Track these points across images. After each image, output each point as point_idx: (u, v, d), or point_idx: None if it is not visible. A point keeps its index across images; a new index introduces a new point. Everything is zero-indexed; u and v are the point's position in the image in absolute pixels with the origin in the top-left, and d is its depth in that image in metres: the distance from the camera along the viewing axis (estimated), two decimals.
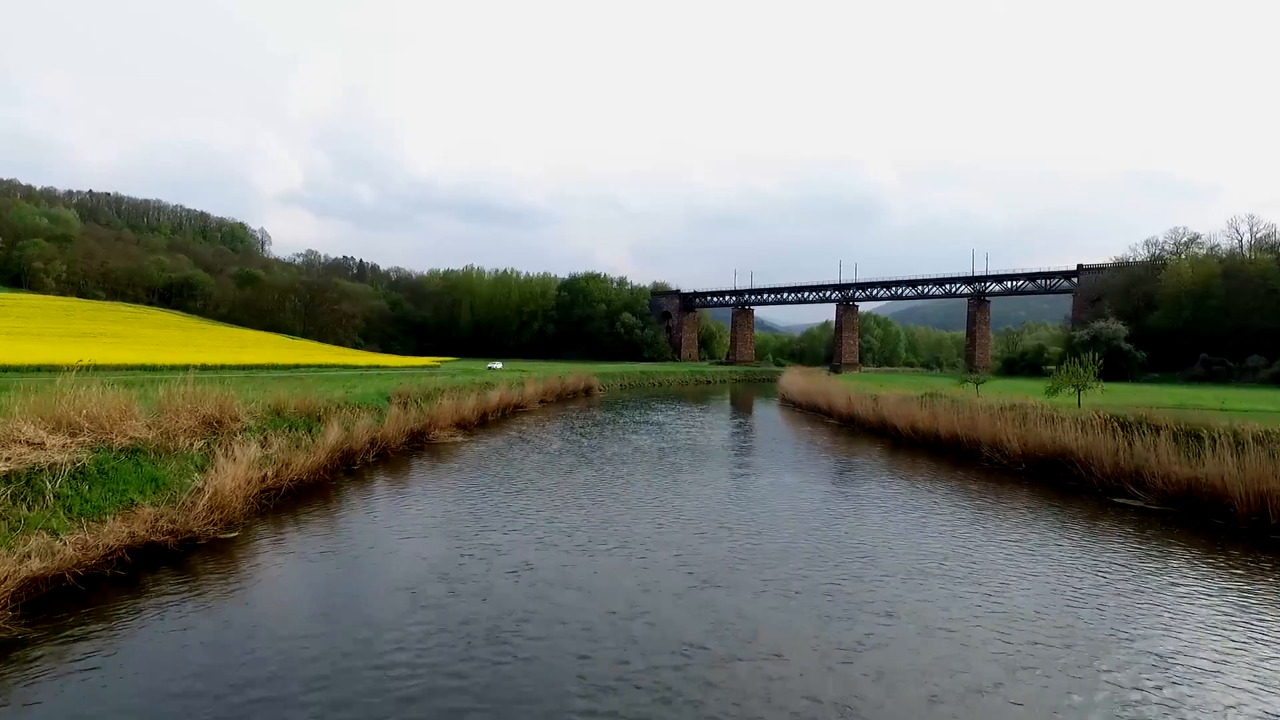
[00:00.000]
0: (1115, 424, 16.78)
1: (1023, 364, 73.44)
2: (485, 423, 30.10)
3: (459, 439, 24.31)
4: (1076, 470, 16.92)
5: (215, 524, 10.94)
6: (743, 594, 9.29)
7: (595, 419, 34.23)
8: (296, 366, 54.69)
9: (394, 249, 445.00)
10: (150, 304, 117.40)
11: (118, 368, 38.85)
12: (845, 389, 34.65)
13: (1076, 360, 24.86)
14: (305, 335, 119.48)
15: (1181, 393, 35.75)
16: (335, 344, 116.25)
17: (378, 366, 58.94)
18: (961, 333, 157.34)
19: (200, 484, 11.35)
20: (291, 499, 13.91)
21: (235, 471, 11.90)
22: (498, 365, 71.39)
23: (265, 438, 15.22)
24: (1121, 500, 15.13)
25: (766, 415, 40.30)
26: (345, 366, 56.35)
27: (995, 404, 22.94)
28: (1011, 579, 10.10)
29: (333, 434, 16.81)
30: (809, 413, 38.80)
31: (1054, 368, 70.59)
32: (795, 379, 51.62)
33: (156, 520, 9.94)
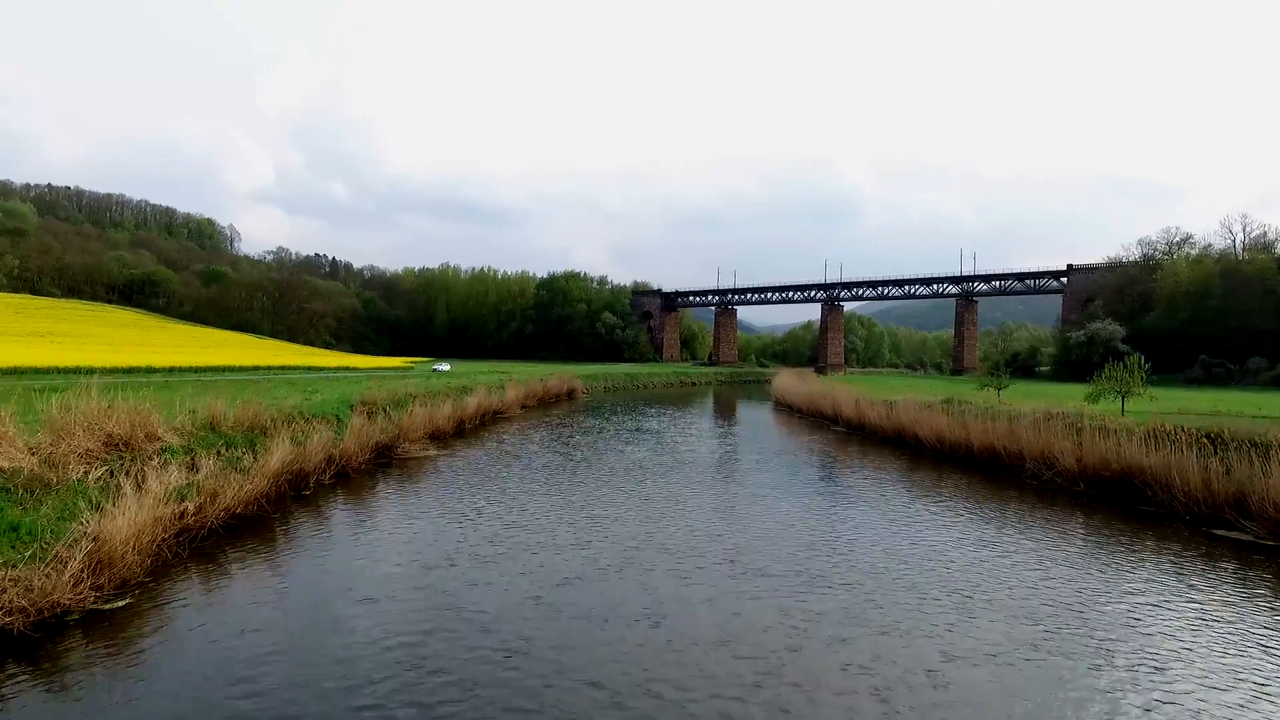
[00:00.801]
0: (1203, 439, 14.45)
1: (1014, 366, 71.84)
2: (462, 432, 27.29)
3: (432, 452, 21.49)
4: (1154, 493, 14.59)
5: (99, 589, 8.14)
6: (823, 693, 6.71)
7: (583, 426, 31.56)
8: (259, 368, 51.35)
9: (369, 247, 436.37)
10: (110, 302, 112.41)
11: (52, 370, 35.44)
12: (853, 394, 32.32)
13: (1121, 363, 22.65)
14: (274, 335, 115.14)
15: (1202, 397, 33.94)
16: (305, 344, 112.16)
17: (346, 368, 55.68)
18: (944, 333, 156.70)
19: (83, 531, 8.52)
20: (219, 540, 11.08)
21: (134, 511, 9.08)
22: (444, 367, 62.83)
23: (193, 460, 12.39)
24: (1221, 532, 12.80)
25: (765, 421, 37.86)
26: (311, 368, 53.10)
27: (1034, 412, 20.65)
28: (1167, 660, 7.63)
29: (279, 454, 13.97)
30: (811, 419, 36.40)
31: (1048, 369, 69.24)
32: (791, 382, 49.29)
33: (0, 591, 7.11)
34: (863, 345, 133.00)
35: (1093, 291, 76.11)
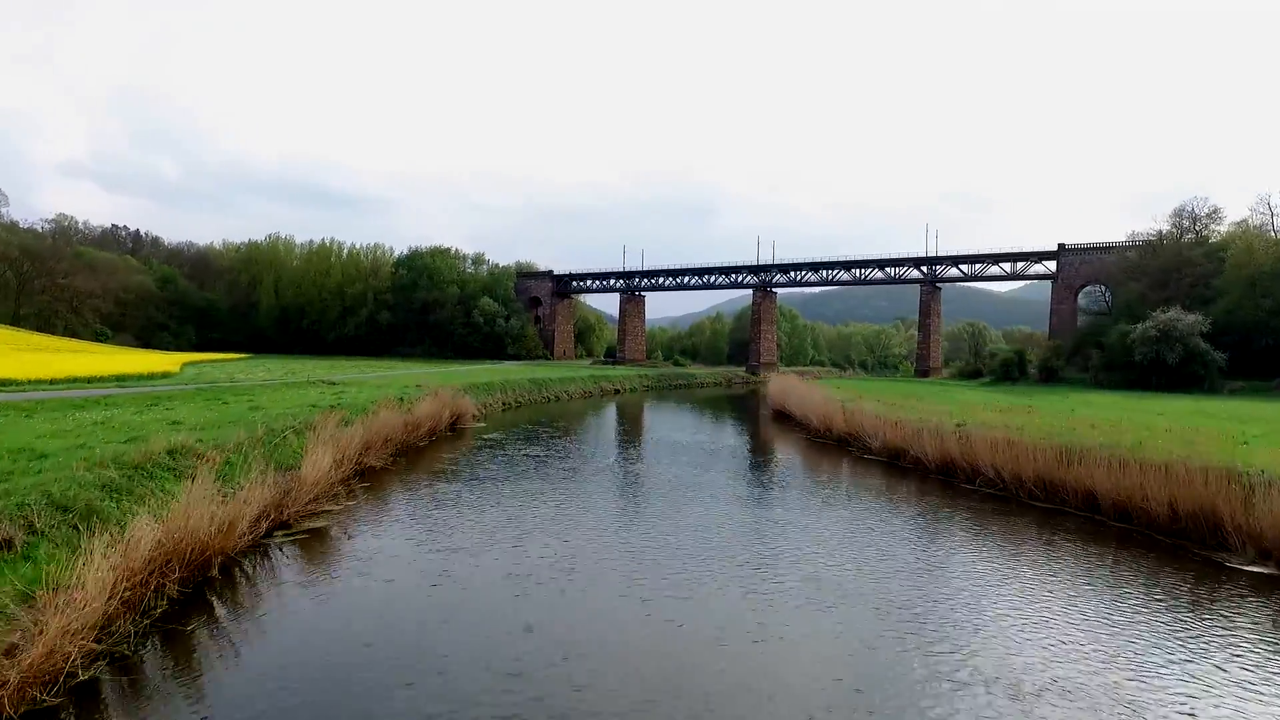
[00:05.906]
0: None
1: (1023, 370, 56.87)
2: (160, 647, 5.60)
3: None
4: None
5: None
6: None
7: (523, 557, 10.53)
8: None
9: (206, 232, 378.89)
10: None
11: None
12: (1051, 437, 13.26)
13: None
14: (17, 322, 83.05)
15: None
16: (67, 334, 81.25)
17: (46, 382, 30.75)
18: (868, 326, 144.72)
19: None
20: None
21: None
22: None
23: None
24: None
25: (895, 490, 18.24)
26: None
27: None
28: None
29: None
30: (932, 478, 17.08)
31: (1084, 374, 55.04)
32: (809, 394, 30.07)
33: None
34: (786, 340, 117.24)
35: (1099, 276, 63.19)
